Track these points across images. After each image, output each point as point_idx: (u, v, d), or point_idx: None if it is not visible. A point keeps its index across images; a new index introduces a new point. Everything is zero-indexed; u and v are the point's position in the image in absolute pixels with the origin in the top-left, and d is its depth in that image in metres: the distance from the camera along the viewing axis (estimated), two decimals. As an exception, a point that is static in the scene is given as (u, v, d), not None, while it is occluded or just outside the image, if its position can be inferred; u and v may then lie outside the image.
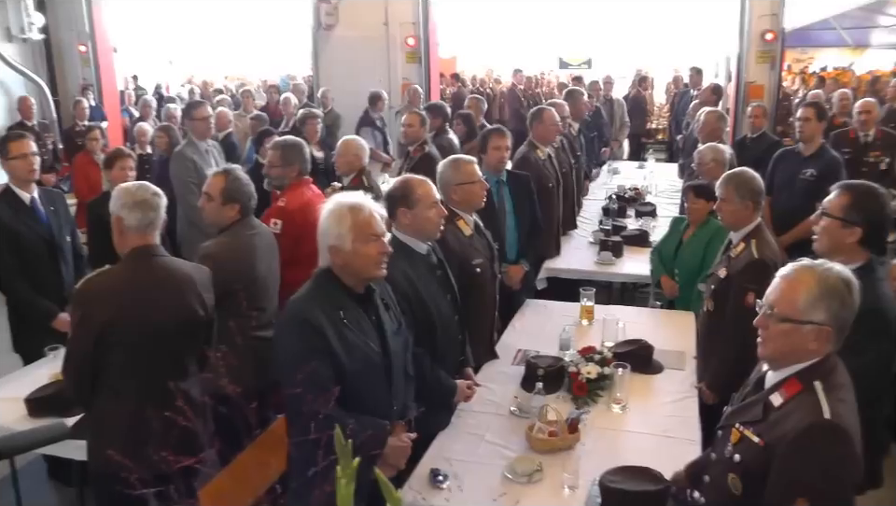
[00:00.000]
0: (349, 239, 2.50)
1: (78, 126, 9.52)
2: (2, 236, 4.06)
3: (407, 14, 11.06)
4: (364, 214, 2.53)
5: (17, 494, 3.93)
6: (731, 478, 2.10)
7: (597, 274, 5.35)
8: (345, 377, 2.39)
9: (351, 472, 1.21)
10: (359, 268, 2.55)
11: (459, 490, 2.64)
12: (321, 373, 2.35)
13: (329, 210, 2.57)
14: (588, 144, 7.84)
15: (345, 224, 2.50)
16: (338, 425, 1.41)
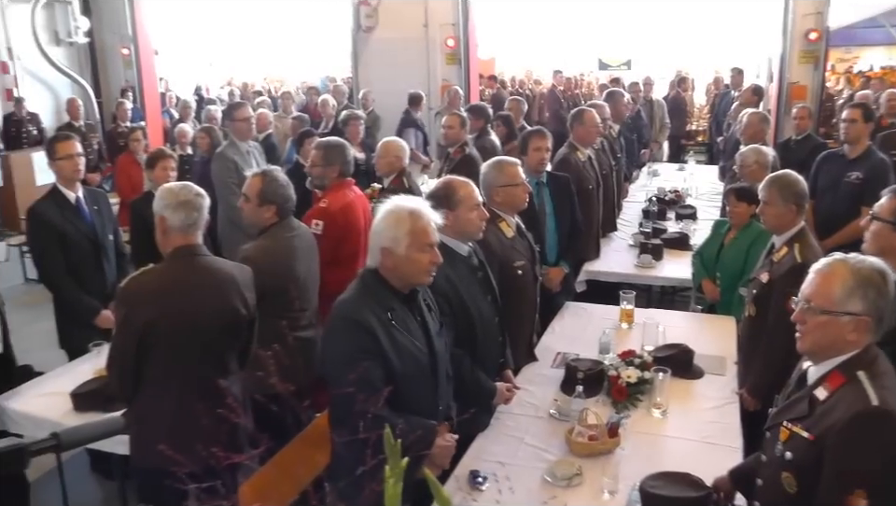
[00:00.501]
0: (404, 244, 2.50)
1: (120, 127, 9.75)
2: (49, 235, 4.15)
3: (447, 15, 11.11)
4: (423, 221, 2.54)
5: (62, 486, 4.04)
6: (784, 477, 2.09)
7: (637, 277, 5.31)
8: (395, 378, 2.41)
9: (399, 472, 1.23)
10: (408, 274, 2.56)
11: (511, 492, 2.63)
12: (372, 374, 2.37)
13: (388, 211, 2.56)
14: (628, 145, 7.78)
15: (403, 228, 2.51)
16: (388, 425, 1.43)
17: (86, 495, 4.22)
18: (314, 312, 3.74)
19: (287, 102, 10.66)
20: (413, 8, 11.14)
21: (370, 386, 2.19)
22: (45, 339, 4.67)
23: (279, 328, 3.42)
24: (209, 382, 2.86)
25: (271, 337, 3.32)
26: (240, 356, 3.09)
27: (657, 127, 10.12)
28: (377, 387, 2.16)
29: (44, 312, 5.82)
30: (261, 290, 3.16)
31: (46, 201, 4.26)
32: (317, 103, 9.65)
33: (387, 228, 2.53)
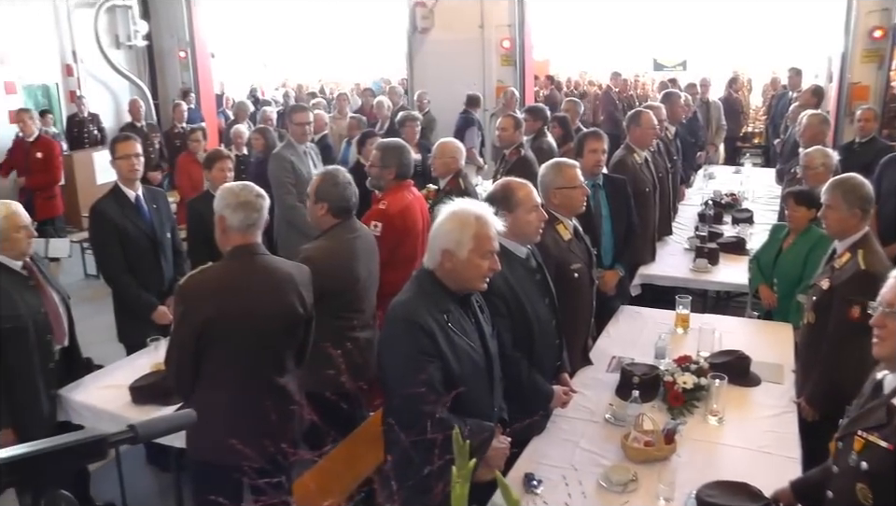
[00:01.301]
0: (467, 248, 2.49)
1: (177, 128, 9.96)
2: (109, 232, 4.25)
3: (503, 16, 11.08)
4: (488, 228, 2.53)
5: (120, 478, 4.14)
6: (859, 488, 2.04)
7: (692, 281, 5.24)
8: (453, 380, 2.41)
9: (467, 473, 1.23)
10: (466, 278, 2.56)
11: (568, 496, 2.59)
12: (432, 376, 2.37)
13: (454, 213, 2.55)
14: (685, 147, 7.66)
15: (468, 233, 2.50)
16: (451, 427, 1.43)
17: (142, 486, 4.30)
18: (371, 313, 3.75)
19: (342, 103, 10.76)
20: (469, 10, 11.15)
21: (430, 388, 2.20)
22: (104, 333, 4.79)
23: (337, 328, 3.49)
24: (266, 379, 2.92)
25: (328, 337, 3.38)
26: (296, 354, 3.11)
27: (713, 129, 9.93)
28: (437, 389, 2.16)
29: (103, 307, 5.98)
30: (320, 291, 3.18)
31: (107, 199, 4.36)
32: (373, 104, 9.71)
33: (452, 231, 2.51)
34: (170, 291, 4.39)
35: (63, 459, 0.99)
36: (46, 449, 0.98)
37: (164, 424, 1.18)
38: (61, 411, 3.71)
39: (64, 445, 0.99)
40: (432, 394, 2.09)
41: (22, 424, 3.52)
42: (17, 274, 3.52)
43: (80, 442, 1.01)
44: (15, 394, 3.49)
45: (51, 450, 0.98)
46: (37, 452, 0.97)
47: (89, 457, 1.01)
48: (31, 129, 8.41)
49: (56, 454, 0.99)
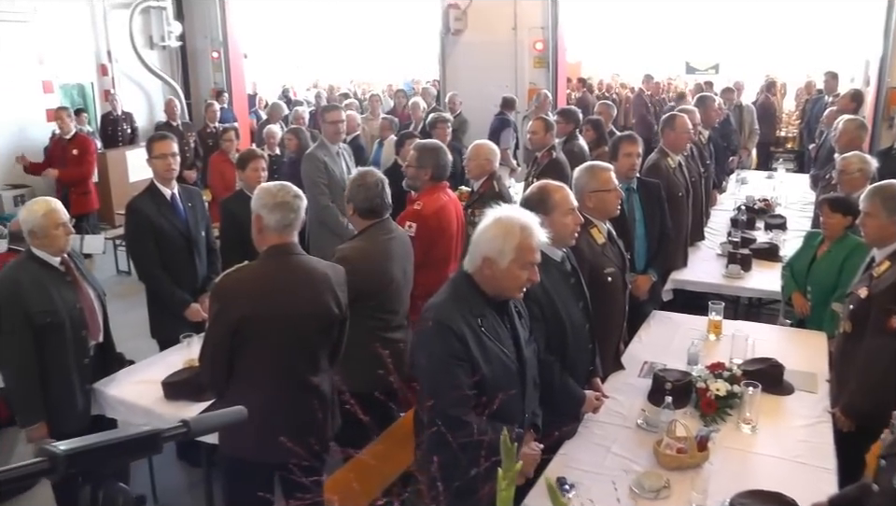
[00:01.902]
0: (509, 258, 2.47)
1: (209, 128, 10.06)
2: (145, 229, 4.29)
3: (536, 18, 11.06)
4: (532, 239, 2.50)
5: (151, 473, 4.21)
6: None
7: (725, 287, 5.17)
8: (483, 384, 2.40)
9: (513, 475, 1.23)
10: (504, 286, 2.55)
11: (616, 501, 2.59)
12: (461, 379, 2.37)
13: (499, 220, 2.52)
14: (717, 152, 7.59)
15: (511, 242, 2.47)
16: (472, 430, 1.43)
17: (172, 481, 4.35)
18: (405, 314, 3.76)
19: (374, 104, 10.79)
20: (502, 12, 11.14)
21: (458, 392, 2.19)
22: (135, 329, 4.85)
23: (370, 328, 3.50)
24: (300, 378, 2.93)
25: (361, 337, 3.40)
26: (330, 354, 3.12)
27: (746, 133, 9.82)
28: (465, 393, 2.16)
29: (134, 303, 6.07)
30: (354, 291, 3.19)
31: (143, 196, 4.41)
32: (405, 105, 9.73)
33: (495, 238, 2.48)
34: (203, 289, 4.44)
35: (119, 453, 1.02)
36: (104, 442, 1.00)
37: (216, 420, 1.21)
38: (95, 405, 3.78)
39: (121, 439, 1.02)
40: (460, 397, 2.08)
41: (57, 418, 3.59)
42: (55, 270, 3.58)
43: (136, 437, 1.04)
44: (51, 388, 3.55)
45: (109, 443, 1.01)
46: (96, 445, 0.99)
47: (143, 452, 1.04)
48: (68, 127, 8.56)
49: (113, 447, 1.01)
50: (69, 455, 0.97)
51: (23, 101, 10.24)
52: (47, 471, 0.97)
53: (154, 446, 1.05)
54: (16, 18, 9.83)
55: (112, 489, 1.02)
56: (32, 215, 3.52)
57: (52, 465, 0.97)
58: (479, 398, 2.21)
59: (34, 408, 3.53)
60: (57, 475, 0.97)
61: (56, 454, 0.97)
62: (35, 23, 10.16)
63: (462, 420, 2.26)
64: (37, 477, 0.97)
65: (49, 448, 0.97)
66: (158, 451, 1.05)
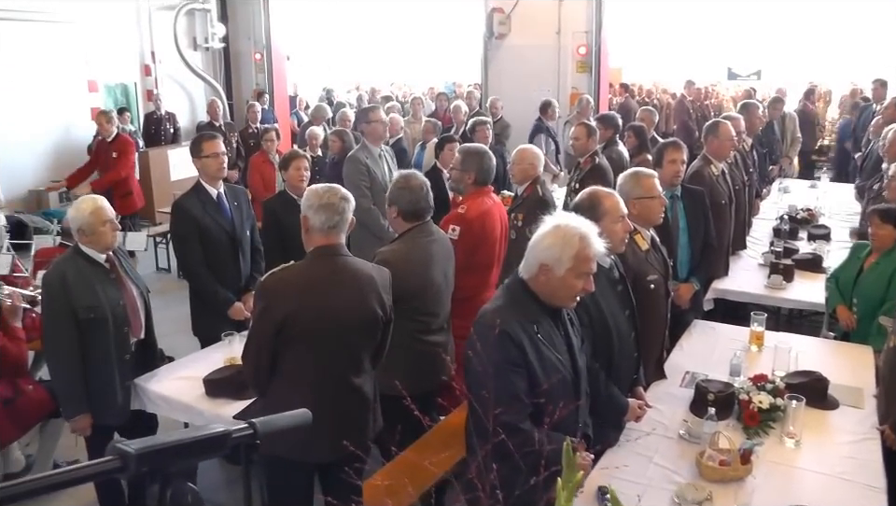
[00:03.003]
0: (566, 267, 2.47)
1: (251, 128, 10.16)
2: (190, 227, 4.32)
3: (580, 23, 11.02)
4: (591, 249, 2.49)
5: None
6: None
7: (766, 297, 5.09)
8: (539, 392, 2.38)
9: (573, 485, 1.22)
10: (559, 295, 2.54)
11: None
12: (517, 386, 2.36)
13: (558, 228, 2.52)
14: (759, 160, 7.47)
15: (570, 252, 2.47)
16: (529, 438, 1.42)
17: (210, 478, 4.35)
18: (445, 317, 3.75)
19: (416, 107, 10.82)
20: (546, 16, 11.11)
21: (514, 399, 2.18)
22: (174, 325, 4.92)
23: (410, 331, 3.51)
24: (342, 378, 2.94)
25: (401, 339, 3.40)
26: (373, 356, 3.12)
27: (788, 141, 9.65)
28: (522, 400, 2.14)
29: (174, 300, 6.15)
30: (395, 293, 3.19)
31: (189, 195, 4.44)
32: (447, 108, 9.73)
33: (553, 246, 2.48)
34: (246, 288, 4.47)
35: (188, 453, 1.03)
36: (174, 443, 1.02)
37: (282, 422, 1.22)
38: (136, 400, 3.83)
39: (190, 440, 1.03)
40: (515, 404, 2.07)
41: (97, 411, 3.67)
42: (100, 267, 3.65)
43: (205, 438, 1.05)
44: (92, 382, 3.62)
45: (179, 444, 1.02)
46: (166, 445, 1.01)
47: (211, 452, 1.05)
48: (108, 130, 8.65)
49: (182, 447, 1.02)
50: (140, 454, 0.98)
51: (69, 100, 10.48)
52: (118, 470, 0.98)
53: (222, 447, 1.07)
54: (62, 19, 10.06)
55: (181, 488, 1.02)
56: (80, 213, 3.60)
57: (124, 464, 0.98)
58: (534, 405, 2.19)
59: (77, 400, 3.62)
60: (128, 474, 0.99)
61: (128, 453, 0.98)
62: (82, 25, 10.38)
63: (518, 428, 2.24)
64: (109, 475, 0.99)
65: (121, 447, 0.99)
66: (224, 451, 1.06)
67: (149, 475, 1.01)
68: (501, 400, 2.16)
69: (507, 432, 1.81)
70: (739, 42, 18.08)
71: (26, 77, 9.81)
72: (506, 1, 11.23)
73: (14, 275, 4.79)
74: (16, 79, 9.69)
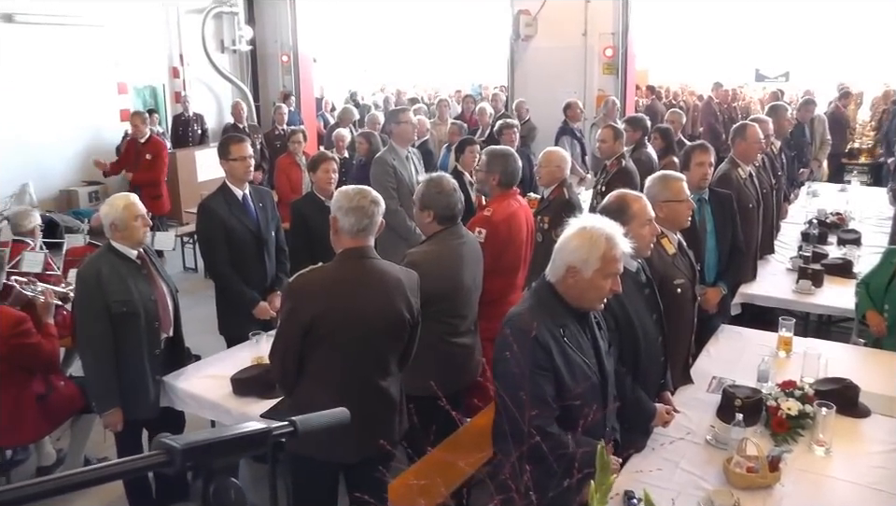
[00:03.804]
0: (593, 268, 2.47)
1: (277, 130, 10.22)
2: (217, 228, 4.37)
3: (607, 24, 10.96)
4: (617, 250, 2.49)
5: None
6: None
7: (795, 303, 5.01)
8: (566, 396, 2.39)
9: (607, 489, 1.22)
10: (586, 297, 2.54)
11: None
12: (545, 390, 2.36)
13: (584, 230, 2.52)
14: (788, 163, 7.38)
15: (596, 253, 2.46)
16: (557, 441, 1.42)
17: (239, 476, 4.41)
18: (473, 319, 3.75)
19: (443, 109, 10.84)
20: (572, 17, 11.07)
21: (542, 402, 2.18)
22: (200, 325, 4.96)
23: (438, 332, 3.51)
24: (369, 380, 2.94)
25: (429, 341, 3.41)
26: (400, 358, 3.12)
27: (818, 144, 9.53)
28: (549, 404, 2.14)
29: (200, 299, 6.21)
30: (424, 295, 3.19)
31: (216, 196, 4.49)
32: (473, 110, 9.72)
33: (580, 248, 2.48)
34: (272, 288, 4.51)
35: (232, 449, 1.05)
36: (218, 439, 1.04)
37: (321, 420, 1.24)
38: (164, 397, 3.89)
39: (234, 436, 1.06)
40: (542, 407, 2.06)
41: (129, 405, 3.73)
42: (132, 263, 3.74)
43: (248, 434, 1.07)
44: (126, 375, 3.69)
45: (223, 440, 1.04)
46: (210, 441, 1.03)
47: (252, 449, 1.08)
48: (143, 131, 8.81)
49: (226, 443, 1.05)
50: (185, 449, 1.00)
51: (99, 102, 10.63)
52: (164, 464, 1.01)
53: (264, 444, 1.09)
54: (93, 23, 10.21)
55: (224, 483, 1.04)
56: (112, 209, 3.69)
57: (170, 458, 1.01)
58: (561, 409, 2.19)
59: (109, 394, 3.68)
60: (174, 468, 1.01)
61: (174, 448, 1.00)
62: (112, 28, 10.52)
63: (545, 431, 2.24)
64: (156, 469, 1.01)
65: (166, 442, 1.01)
66: (267, 449, 1.08)
67: (193, 470, 1.03)
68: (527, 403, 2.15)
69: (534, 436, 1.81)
70: (767, 43, 17.90)
71: (57, 79, 9.97)
72: (532, 3, 11.21)
73: (47, 273, 4.86)
74: (47, 82, 9.85)
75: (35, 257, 4.90)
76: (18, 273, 4.58)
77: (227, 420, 3.68)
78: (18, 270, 4.64)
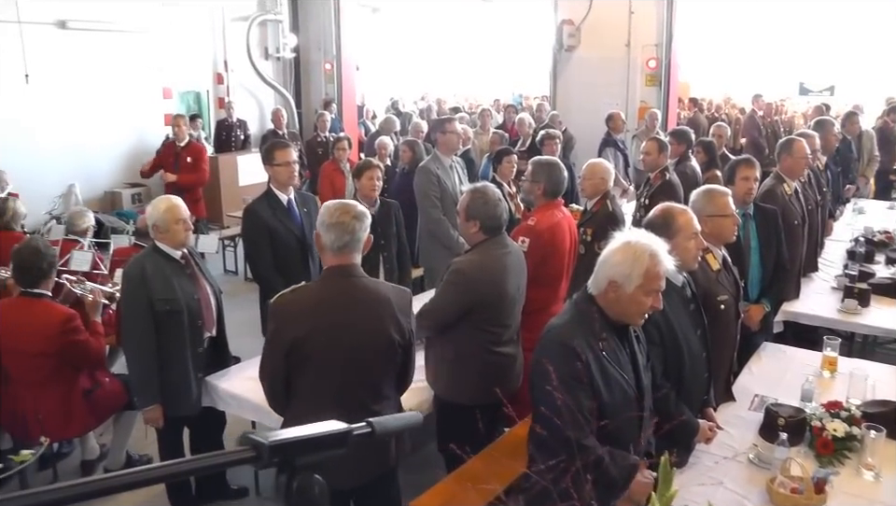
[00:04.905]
0: (635, 284, 2.46)
1: (319, 137, 10.30)
2: (261, 232, 4.44)
3: (650, 36, 10.90)
4: (660, 266, 2.48)
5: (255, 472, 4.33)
6: None
7: (840, 322, 4.90)
8: (603, 409, 2.38)
9: (668, 500, 1.21)
10: (627, 312, 2.53)
11: None
12: (582, 403, 2.35)
13: (628, 245, 2.51)
14: (833, 179, 7.25)
15: (639, 268, 2.45)
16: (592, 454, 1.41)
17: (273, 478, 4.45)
18: (516, 329, 3.74)
19: (485, 119, 10.84)
20: (616, 28, 11.04)
21: (577, 415, 2.17)
22: (240, 327, 4.99)
23: (481, 341, 3.51)
24: (359, 403, 2.82)
25: (472, 349, 3.41)
26: (397, 379, 3.05)
27: (865, 160, 9.32)
28: (585, 417, 2.13)
29: (240, 302, 6.29)
30: (469, 303, 3.19)
31: (260, 200, 4.57)
32: (515, 121, 9.71)
33: (623, 263, 2.47)
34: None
35: (314, 447, 1.08)
36: (302, 437, 1.07)
37: (396, 422, 1.27)
38: (206, 396, 3.95)
39: (317, 435, 1.09)
40: (579, 421, 2.06)
41: (171, 402, 3.80)
42: (176, 262, 3.82)
43: (330, 434, 1.10)
44: (169, 373, 3.76)
45: (307, 438, 1.08)
46: (295, 438, 1.06)
47: (332, 448, 1.10)
48: (183, 134, 8.91)
49: (309, 441, 1.08)
50: (273, 446, 1.03)
51: (144, 106, 10.83)
52: (252, 460, 1.03)
53: (343, 443, 1.11)
54: (139, 29, 10.43)
55: (309, 480, 1.07)
56: (156, 210, 3.79)
57: (258, 454, 1.03)
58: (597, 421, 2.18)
59: (151, 391, 3.75)
60: (262, 464, 1.03)
61: (262, 444, 1.03)
62: (158, 34, 10.73)
63: (581, 444, 2.23)
64: (243, 464, 1.04)
65: (255, 438, 1.04)
66: (343, 448, 1.11)
67: (278, 466, 1.05)
68: (564, 415, 2.15)
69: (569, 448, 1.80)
70: (812, 56, 17.58)
71: (105, 84, 10.18)
72: (576, 13, 11.19)
73: (94, 272, 4.97)
74: (96, 86, 10.06)
75: (84, 256, 5.01)
76: (67, 271, 4.70)
77: (268, 422, 3.71)
78: (67, 268, 4.76)
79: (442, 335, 3.53)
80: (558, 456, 2.01)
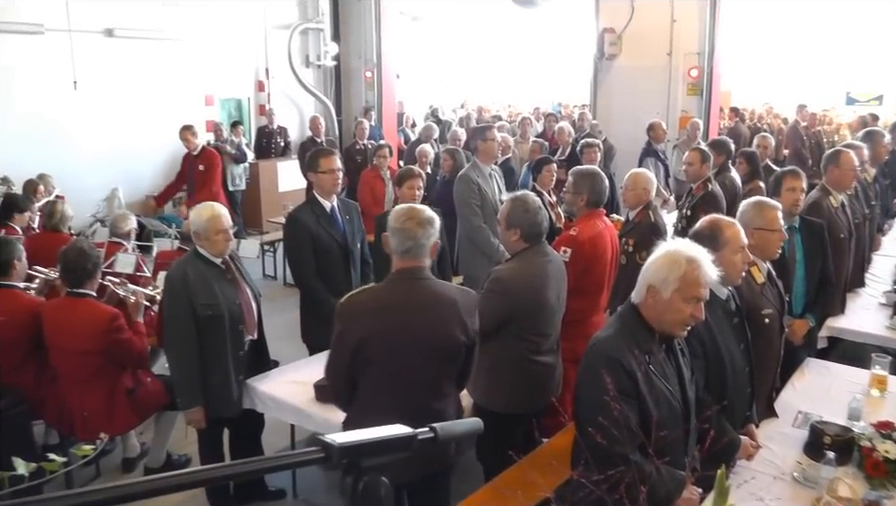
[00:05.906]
0: (671, 288, 2.45)
1: (358, 144, 10.35)
2: (305, 238, 4.47)
3: (692, 44, 10.79)
4: (697, 273, 2.46)
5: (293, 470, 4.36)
6: None
7: (888, 340, 4.75)
8: (649, 423, 2.35)
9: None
10: (666, 319, 2.51)
11: None
12: (628, 417, 2.32)
13: (667, 252, 2.52)
14: (882, 192, 7.08)
15: (675, 273, 2.45)
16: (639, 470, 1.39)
17: (311, 479, 4.49)
18: (556, 338, 3.72)
19: (525, 127, 10.82)
20: (657, 37, 10.94)
21: (624, 429, 2.15)
22: (279, 331, 5.08)
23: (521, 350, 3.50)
24: (421, 402, 2.87)
25: (511, 358, 3.39)
26: (458, 378, 3.07)
27: (915, 173, 9.08)
28: (631, 430, 2.11)
29: (279, 306, 6.35)
30: (509, 312, 3.18)
31: (304, 207, 4.61)
32: (555, 130, 9.67)
33: (660, 268, 2.48)
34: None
35: (381, 450, 1.09)
36: (370, 439, 1.09)
37: (459, 428, 1.28)
38: (247, 398, 4.00)
39: (383, 438, 1.10)
40: (626, 435, 2.03)
41: (213, 403, 3.86)
42: (217, 268, 3.88)
43: (396, 437, 1.12)
44: (210, 375, 3.82)
45: (374, 440, 1.09)
46: (364, 441, 1.08)
47: (398, 451, 1.11)
48: (193, 144, 8.60)
49: (376, 444, 1.09)
50: (343, 447, 1.04)
51: (186, 112, 10.98)
52: (322, 460, 1.05)
53: (409, 447, 1.12)
54: (182, 37, 10.63)
55: (375, 481, 1.07)
56: (198, 218, 3.85)
57: (328, 454, 1.04)
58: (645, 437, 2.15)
59: (193, 392, 3.81)
60: (331, 465, 1.05)
61: (332, 445, 1.04)
62: (201, 42, 10.92)
63: (627, 458, 2.20)
64: (314, 465, 1.05)
65: (325, 440, 1.05)
66: (409, 452, 1.11)
67: (346, 468, 1.07)
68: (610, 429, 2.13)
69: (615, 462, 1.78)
70: (859, 65, 17.18)
71: (149, 91, 10.40)
72: (617, 21, 11.11)
73: (137, 275, 5.06)
74: (140, 93, 10.29)
75: (128, 258, 5.11)
76: (112, 273, 4.79)
77: (309, 425, 3.79)
78: (112, 270, 4.85)
79: (482, 343, 3.51)
80: (602, 470, 1.98)
